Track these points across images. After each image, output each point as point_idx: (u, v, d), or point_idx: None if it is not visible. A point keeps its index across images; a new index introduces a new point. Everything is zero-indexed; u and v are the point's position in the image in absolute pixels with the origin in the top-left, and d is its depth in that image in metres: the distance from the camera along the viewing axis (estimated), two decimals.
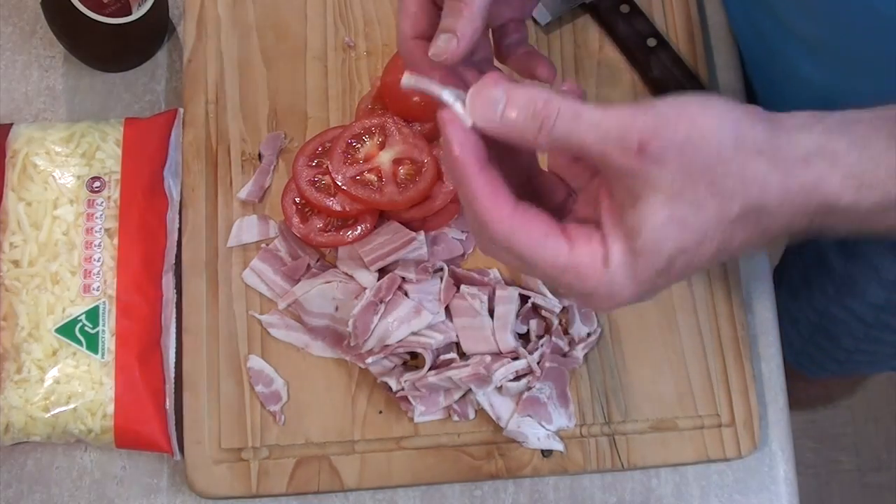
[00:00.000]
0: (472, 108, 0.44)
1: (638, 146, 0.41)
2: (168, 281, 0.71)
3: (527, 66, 0.57)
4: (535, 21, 0.78)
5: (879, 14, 0.57)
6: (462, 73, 0.53)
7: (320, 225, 0.71)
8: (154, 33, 0.79)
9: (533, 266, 0.44)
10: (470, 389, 0.68)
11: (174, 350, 0.70)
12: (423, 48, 0.52)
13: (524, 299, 0.70)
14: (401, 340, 0.68)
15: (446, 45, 0.49)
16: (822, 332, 1.02)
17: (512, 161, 0.48)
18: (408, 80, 0.48)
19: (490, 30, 0.58)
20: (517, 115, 0.43)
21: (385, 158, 0.70)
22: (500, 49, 0.58)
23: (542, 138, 0.43)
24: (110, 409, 0.67)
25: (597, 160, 0.43)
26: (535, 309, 0.70)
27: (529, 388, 0.68)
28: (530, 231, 0.44)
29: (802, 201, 0.42)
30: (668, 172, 0.41)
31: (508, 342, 0.68)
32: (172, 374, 0.70)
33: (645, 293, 0.44)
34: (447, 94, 0.46)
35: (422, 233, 0.70)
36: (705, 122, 0.41)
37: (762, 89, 0.79)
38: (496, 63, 0.58)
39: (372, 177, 0.69)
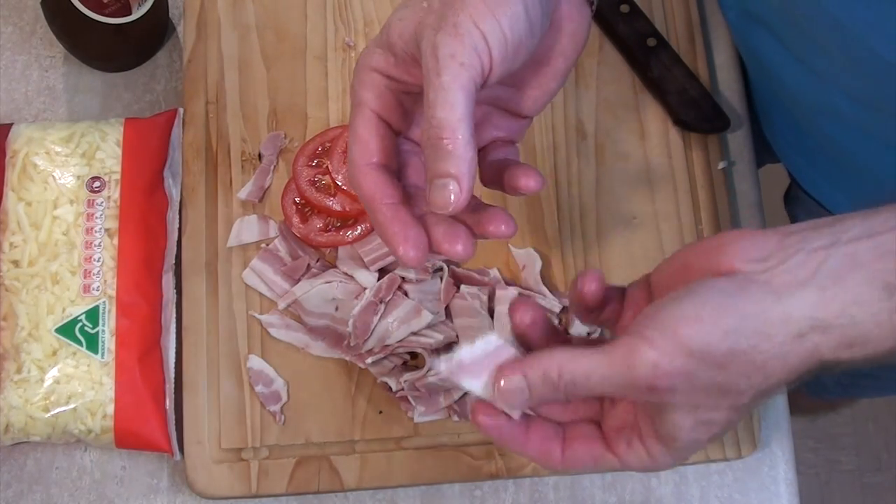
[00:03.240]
0: (503, 401, 0.47)
1: (648, 389, 0.44)
2: (168, 281, 0.71)
3: (510, 180, 0.51)
4: None
5: (881, 58, 0.57)
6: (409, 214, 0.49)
7: (320, 225, 0.71)
8: (154, 33, 0.79)
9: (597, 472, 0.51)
10: None
11: (174, 350, 0.70)
12: (379, 180, 0.48)
13: None
14: (401, 340, 0.68)
15: (447, 193, 0.45)
16: None
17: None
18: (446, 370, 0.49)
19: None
20: (540, 391, 0.46)
21: None
22: (483, 169, 0.53)
23: (573, 398, 0.47)
24: (110, 409, 0.67)
25: (619, 396, 0.49)
26: None
27: None
28: (584, 463, 0.49)
29: (803, 368, 0.44)
30: (683, 395, 0.44)
31: None
32: (172, 374, 0.70)
33: (686, 458, 0.49)
34: (467, 384, 0.48)
35: None
36: (698, 339, 0.43)
37: (760, 89, 0.79)
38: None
39: None
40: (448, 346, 0.69)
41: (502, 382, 0.46)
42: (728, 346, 0.43)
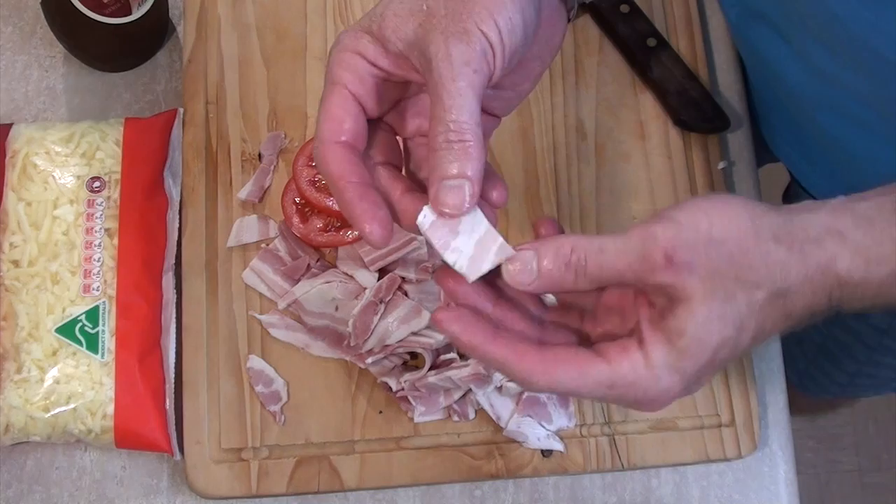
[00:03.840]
0: (509, 275, 0.46)
1: (665, 260, 0.43)
2: (168, 281, 0.71)
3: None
4: None
5: (882, 56, 0.57)
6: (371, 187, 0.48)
7: (320, 225, 0.71)
8: (154, 33, 0.79)
9: (582, 395, 0.47)
10: (470, 389, 0.68)
11: (174, 350, 0.70)
12: (346, 158, 0.48)
13: None
14: (401, 340, 0.68)
15: (462, 195, 0.45)
16: (825, 354, 1.03)
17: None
18: (423, 221, 0.47)
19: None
20: (552, 269, 0.45)
21: None
22: None
23: (580, 282, 0.45)
24: (110, 409, 0.67)
25: (633, 282, 0.45)
26: None
27: None
28: (567, 370, 0.45)
29: (820, 280, 0.44)
30: (699, 276, 0.43)
31: None
32: (172, 374, 0.70)
33: (693, 386, 0.46)
34: (449, 255, 0.47)
35: None
36: (722, 218, 0.44)
37: (759, 87, 0.79)
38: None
39: None
40: (448, 346, 0.69)
41: (511, 256, 0.45)
42: (752, 232, 0.43)
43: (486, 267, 0.46)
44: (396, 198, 0.49)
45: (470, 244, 0.46)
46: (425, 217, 0.47)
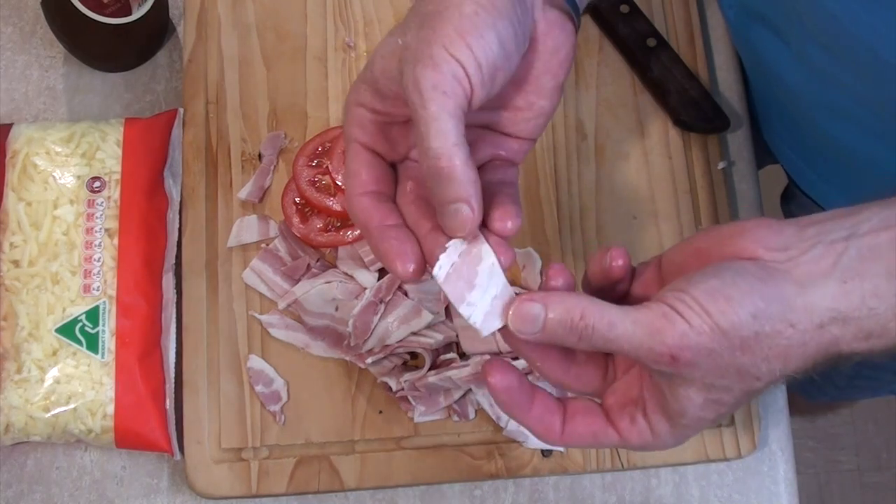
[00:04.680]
0: (515, 324, 0.46)
1: (670, 358, 0.44)
2: (168, 281, 0.71)
3: (489, 219, 0.49)
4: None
5: (880, 57, 0.57)
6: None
7: (320, 225, 0.71)
8: (154, 33, 0.79)
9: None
10: (470, 389, 0.68)
11: (174, 350, 0.70)
12: (372, 206, 0.50)
13: None
14: (401, 340, 0.68)
15: (461, 217, 0.46)
16: None
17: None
18: (438, 273, 0.47)
19: None
20: (556, 328, 0.46)
21: None
22: (483, 186, 0.53)
23: (582, 346, 0.46)
24: (110, 409, 0.67)
25: (633, 359, 0.47)
26: None
27: None
28: (583, 438, 0.49)
29: (820, 359, 0.45)
30: (701, 372, 0.45)
31: None
32: (172, 374, 0.70)
33: (686, 439, 0.49)
34: (464, 309, 0.47)
35: None
36: (728, 318, 0.44)
37: (758, 88, 0.79)
38: None
39: None
40: (447, 346, 0.69)
41: (519, 305, 0.46)
42: (755, 329, 0.43)
43: (499, 323, 0.47)
44: (422, 236, 0.49)
45: (486, 299, 0.47)
46: (441, 269, 0.47)
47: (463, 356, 0.69)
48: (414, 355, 0.70)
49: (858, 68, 0.61)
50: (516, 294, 0.47)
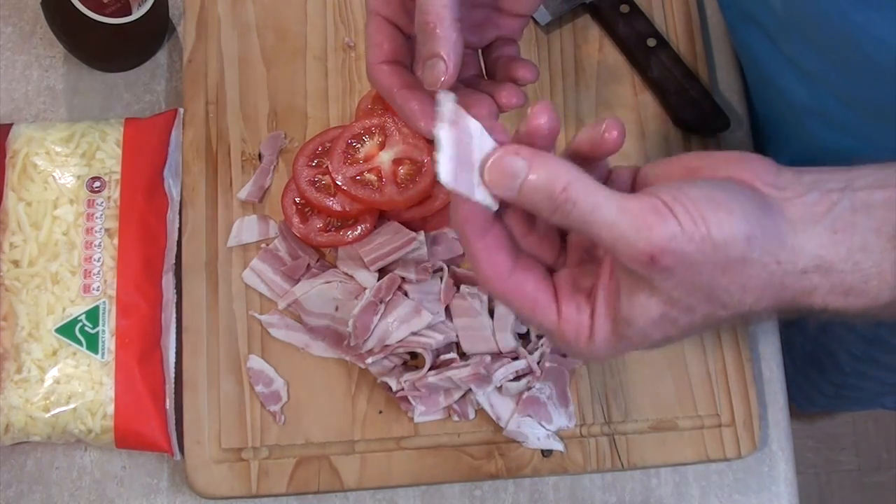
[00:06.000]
0: (491, 176, 0.43)
1: (649, 258, 0.41)
2: (168, 281, 0.71)
3: (506, 71, 0.57)
4: (535, 21, 0.78)
5: (872, 60, 0.57)
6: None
7: (320, 225, 0.71)
8: (154, 33, 0.79)
9: (524, 321, 0.50)
10: (470, 389, 0.68)
11: (174, 350, 0.70)
12: (392, 73, 0.54)
13: None
14: (401, 340, 0.68)
15: (436, 71, 0.50)
16: (813, 363, 1.03)
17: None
18: (445, 178, 0.43)
19: (480, 51, 0.59)
20: (534, 192, 0.43)
21: (385, 158, 0.70)
22: (487, 65, 0.59)
23: (556, 218, 0.43)
24: (110, 409, 0.67)
25: (608, 250, 0.44)
26: None
27: (529, 388, 0.68)
28: (523, 296, 0.46)
29: (789, 306, 0.44)
30: (672, 282, 0.42)
31: (508, 342, 0.68)
32: (172, 374, 0.70)
33: (618, 355, 0.48)
34: (479, 195, 0.44)
35: (422, 233, 0.70)
36: (723, 231, 0.41)
37: (756, 90, 0.79)
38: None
39: (372, 177, 0.69)
40: (448, 346, 0.69)
41: (500, 157, 0.43)
42: (744, 252, 0.42)
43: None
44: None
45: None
46: (443, 168, 0.43)
47: (463, 356, 0.69)
48: (414, 355, 0.70)
49: (847, 69, 0.60)
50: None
